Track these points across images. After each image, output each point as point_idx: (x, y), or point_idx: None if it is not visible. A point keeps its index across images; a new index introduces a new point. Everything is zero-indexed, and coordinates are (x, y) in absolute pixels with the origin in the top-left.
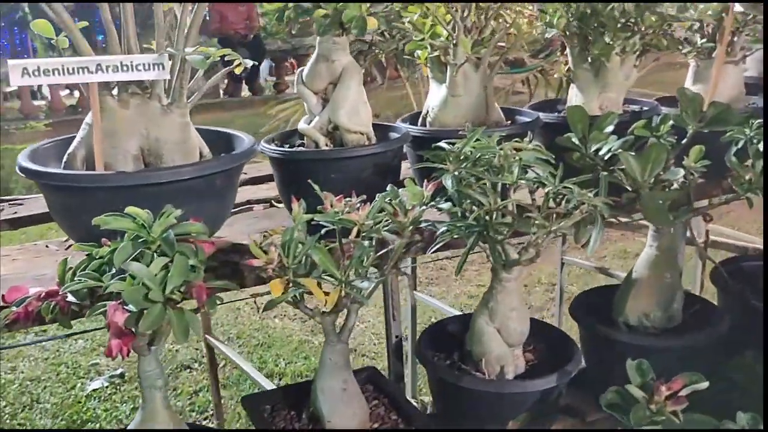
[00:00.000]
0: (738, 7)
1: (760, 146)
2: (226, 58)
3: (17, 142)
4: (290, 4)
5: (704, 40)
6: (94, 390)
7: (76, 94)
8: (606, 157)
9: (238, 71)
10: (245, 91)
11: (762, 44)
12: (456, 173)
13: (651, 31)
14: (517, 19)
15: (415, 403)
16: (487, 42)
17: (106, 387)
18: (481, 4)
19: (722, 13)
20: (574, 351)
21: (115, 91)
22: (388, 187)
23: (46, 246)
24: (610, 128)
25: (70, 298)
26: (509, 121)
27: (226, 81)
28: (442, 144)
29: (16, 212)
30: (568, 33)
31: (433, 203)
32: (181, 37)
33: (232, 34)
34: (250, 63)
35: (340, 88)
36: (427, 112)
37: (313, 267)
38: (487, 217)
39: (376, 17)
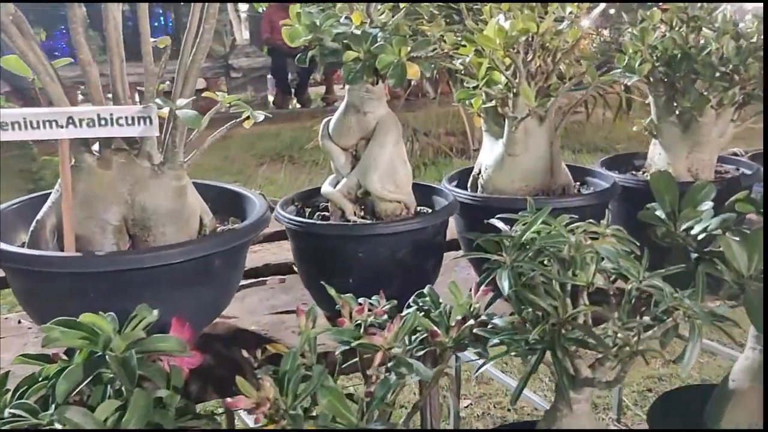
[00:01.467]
0: None
1: None
2: (231, 110)
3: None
4: (314, 44)
5: None
6: None
7: None
8: (700, 237)
9: (246, 125)
10: (294, 102)
11: None
12: (513, 267)
13: (755, 81)
14: (591, 63)
15: None
16: (555, 91)
17: None
18: (549, 45)
19: None
20: None
21: (96, 146)
22: (426, 289)
23: (19, 322)
24: (706, 204)
25: None
26: (578, 183)
27: (275, 92)
28: (497, 223)
29: None
30: (651, 79)
31: (485, 316)
32: (178, 83)
33: (281, 44)
34: (260, 117)
35: (374, 146)
36: (479, 172)
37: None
38: (555, 329)
39: (419, 62)
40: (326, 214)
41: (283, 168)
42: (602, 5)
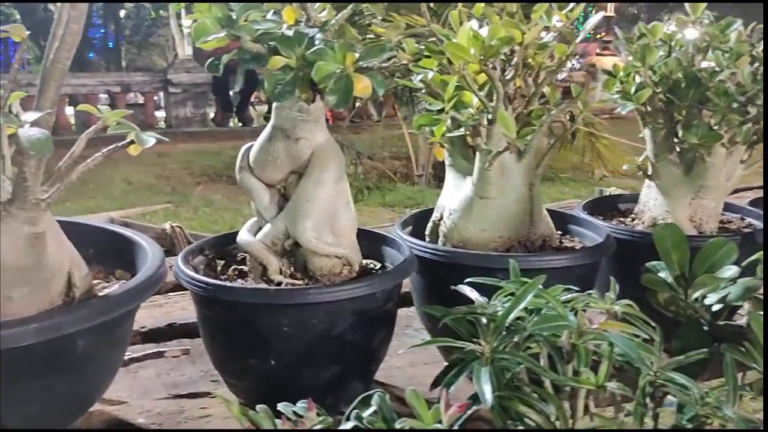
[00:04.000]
0: None
1: None
2: (109, 131)
3: None
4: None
5: None
6: None
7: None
8: (714, 309)
9: (133, 151)
10: (236, 121)
11: None
12: (495, 360)
13: None
14: (584, 88)
15: None
16: (537, 120)
17: None
18: (532, 61)
19: None
20: None
21: None
22: (376, 397)
23: None
24: (730, 270)
25: None
26: (559, 233)
27: (215, 109)
28: (468, 291)
29: None
30: (650, 108)
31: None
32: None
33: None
34: (151, 141)
35: (307, 183)
36: (441, 217)
37: None
38: None
39: (370, 75)
40: (245, 269)
41: (222, 189)
42: (599, 16)
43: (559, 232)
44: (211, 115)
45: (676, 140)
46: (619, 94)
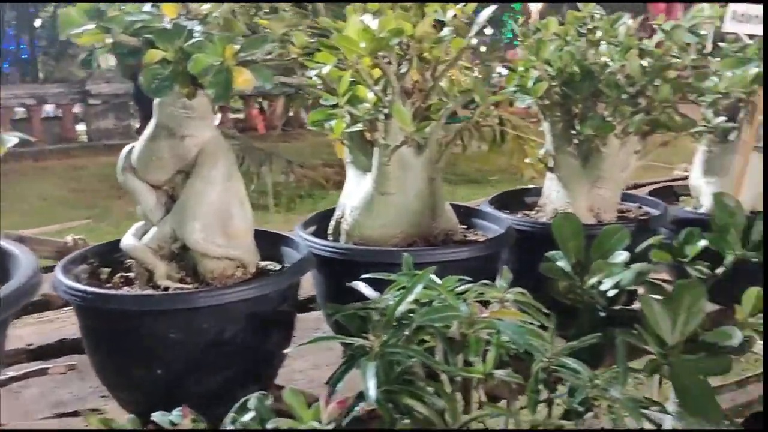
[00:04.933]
0: None
1: None
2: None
3: None
4: (107, 39)
5: (722, 118)
6: None
7: None
8: (610, 294)
9: None
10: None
11: None
12: (384, 354)
13: (664, 105)
14: (477, 79)
15: None
16: (436, 113)
17: None
18: (429, 56)
19: (754, 85)
20: None
21: None
22: (254, 399)
23: None
24: (621, 255)
25: None
26: (464, 227)
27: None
28: (362, 287)
29: None
30: (547, 102)
31: None
32: None
33: None
34: (12, 141)
35: (195, 183)
36: (343, 215)
37: None
38: None
39: (254, 68)
40: (132, 275)
41: None
42: (491, 9)
43: (464, 227)
44: (136, 126)
45: (573, 132)
46: (518, 88)
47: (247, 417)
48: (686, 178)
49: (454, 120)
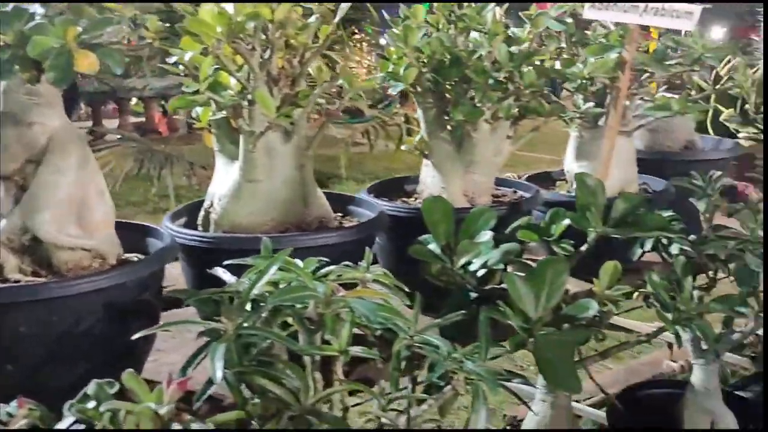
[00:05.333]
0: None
1: (675, 248)
2: None
3: None
4: None
5: (591, 104)
6: None
7: None
8: (479, 274)
9: None
10: None
11: (656, 112)
12: (241, 336)
13: (531, 90)
14: (346, 65)
15: None
16: (304, 99)
17: None
18: (294, 42)
19: (617, 71)
20: None
21: None
22: (92, 386)
23: None
24: (486, 235)
25: None
26: (340, 215)
27: None
28: (221, 273)
29: None
30: (419, 89)
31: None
32: None
33: None
34: None
35: (45, 172)
36: (212, 204)
37: None
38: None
39: (101, 51)
40: None
41: None
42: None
43: (340, 214)
44: None
45: (446, 118)
46: (390, 75)
47: (90, 404)
48: None
49: (362, 120)
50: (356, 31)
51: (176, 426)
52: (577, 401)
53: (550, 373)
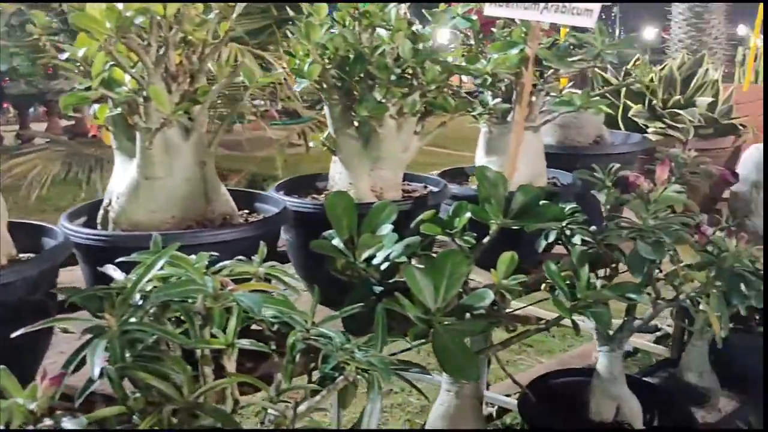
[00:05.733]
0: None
1: (576, 240)
2: None
3: None
4: None
5: (498, 99)
6: None
7: None
8: (383, 267)
9: None
10: None
11: (562, 107)
12: (126, 332)
13: (435, 86)
14: (244, 60)
15: None
16: (203, 96)
17: None
18: (193, 38)
19: (520, 67)
20: None
21: None
22: None
23: None
24: (387, 228)
25: None
26: (247, 211)
27: None
28: (110, 271)
29: None
30: (325, 86)
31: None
32: None
33: None
34: None
35: None
36: (110, 203)
37: None
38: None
39: None
40: None
41: None
42: None
43: (246, 211)
44: None
45: (353, 115)
46: (295, 71)
47: None
48: None
49: (297, 121)
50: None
51: (47, 422)
52: (508, 395)
53: (449, 362)
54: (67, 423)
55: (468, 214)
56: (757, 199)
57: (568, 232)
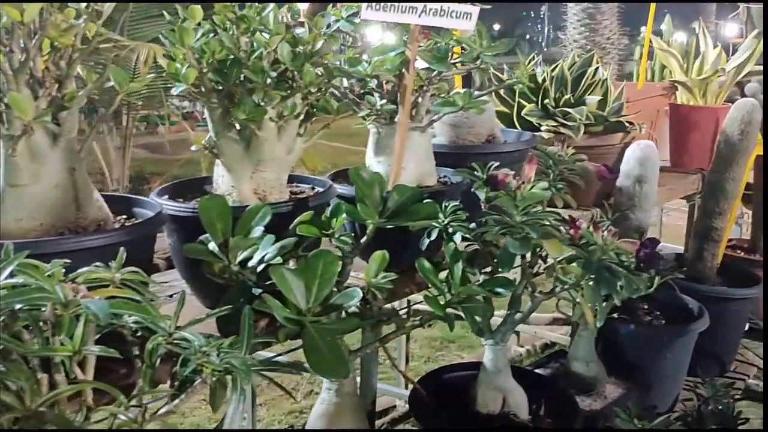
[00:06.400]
0: (421, 63)
1: (457, 237)
2: None
3: None
4: None
5: (384, 101)
6: None
7: None
8: (260, 269)
9: None
10: None
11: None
12: None
13: (316, 89)
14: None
15: None
16: (70, 101)
17: None
18: (58, 43)
19: (402, 69)
20: None
21: None
22: None
23: None
24: (258, 229)
25: None
26: (124, 217)
27: None
28: None
29: None
30: (203, 89)
31: None
32: None
33: None
34: None
35: None
36: None
37: None
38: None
39: None
40: None
41: None
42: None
43: (123, 216)
44: None
45: (231, 118)
46: (172, 76)
47: None
48: None
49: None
50: None
51: None
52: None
53: (317, 362)
54: None
55: (344, 215)
56: (640, 193)
57: (450, 230)
